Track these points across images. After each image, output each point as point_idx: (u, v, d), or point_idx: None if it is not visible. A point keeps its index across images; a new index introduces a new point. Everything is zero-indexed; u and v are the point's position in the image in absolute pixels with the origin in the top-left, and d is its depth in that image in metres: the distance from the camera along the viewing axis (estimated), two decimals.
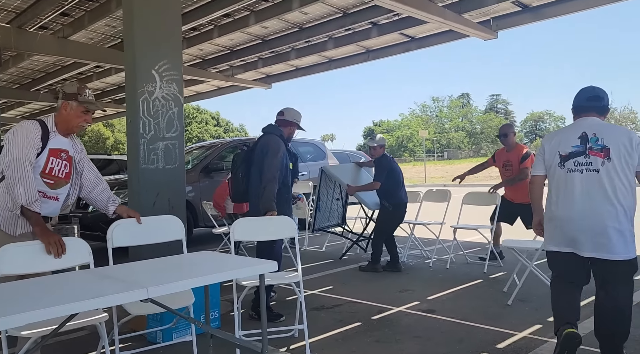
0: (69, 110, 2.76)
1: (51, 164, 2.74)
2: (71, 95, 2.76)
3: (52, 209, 2.82)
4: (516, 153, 5.55)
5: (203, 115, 50.37)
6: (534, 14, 7.16)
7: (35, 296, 1.87)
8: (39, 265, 2.51)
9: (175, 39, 4.27)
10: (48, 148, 2.71)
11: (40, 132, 2.68)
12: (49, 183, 2.75)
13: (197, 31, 7.94)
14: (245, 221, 3.29)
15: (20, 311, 1.62)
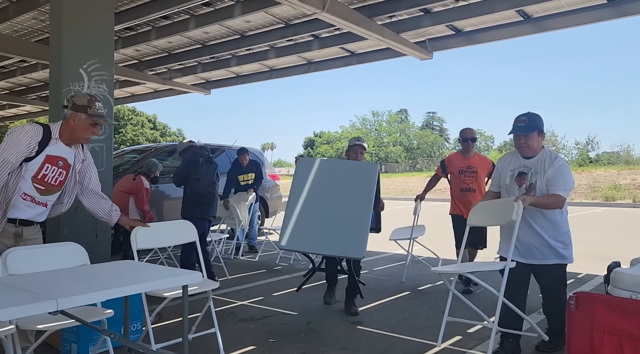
0: (76, 122, 2.77)
1: (45, 170, 2.73)
2: (81, 107, 2.77)
3: (37, 214, 2.81)
4: (481, 161, 5.23)
5: (139, 117, 48.53)
6: (467, 38, 7.56)
7: None
8: None
9: (107, 37, 4.11)
10: (45, 154, 2.71)
11: (40, 137, 2.68)
12: (39, 188, 2.74)
13: (133, 31, 7.68)
14: (144, 228, 3.19)
15: None
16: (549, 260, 3.17)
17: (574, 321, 1.94)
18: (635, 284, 1.99)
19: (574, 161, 45.42)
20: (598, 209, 16.75)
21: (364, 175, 4.05)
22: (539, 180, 3.16)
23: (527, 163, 3.25)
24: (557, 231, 3.19)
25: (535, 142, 3.21)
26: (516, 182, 3.26)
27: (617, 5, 6.08)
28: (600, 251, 7.62)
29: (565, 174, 3.10)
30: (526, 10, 6.48)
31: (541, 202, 3.07)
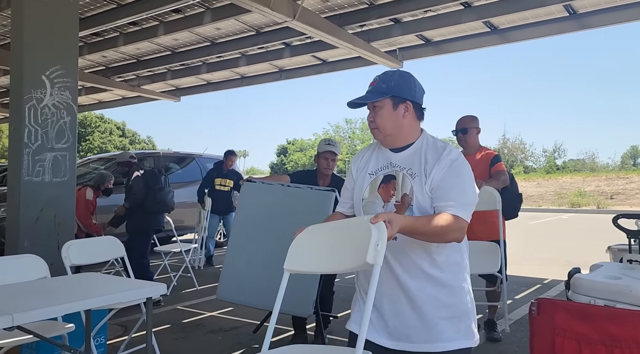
0: None
1: None
2: None
3: None
4: (481, 156, 3.86)
5: (107, 124, 47.52)
6: (436, 48, 7.69)
7: None
8: None
9: (71, 44, 4.02)
10: None
11: None
12: None
13: (100, 37, 7.52)
14: (78, 243, 3.13)
15: None
16: (435, 344, 1.69)
17: (536, 327, 1.97)
18: (593, 289, 2.05)
19: (542, 168, 46.72)
20: (564, 215, 17.23)
21: (316, 207, 3.17)
22: (416, 187, 1.73)
23: (395, 160, 1.82)
24: (451, 290, 1.72)
25: (396, 118, 1.78)
26: (380, 194, 1.81)
27: (578, 18, 6.29)
28: (566, 256, 7.83)
29: (463, 178, 1.71)
30: (492, 21, 6.64)
31: (421, 228, 1.58)
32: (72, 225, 4.00)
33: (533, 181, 26.00)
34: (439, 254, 1.71)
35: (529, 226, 13.46)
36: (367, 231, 1.46)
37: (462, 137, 3.86)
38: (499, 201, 3.29)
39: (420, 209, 1.71)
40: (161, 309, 4.73)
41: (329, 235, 1.73)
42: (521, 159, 53.46)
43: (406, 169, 1.78)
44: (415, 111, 1.82)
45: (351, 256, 1.55)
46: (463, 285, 1.75)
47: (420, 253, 1.71)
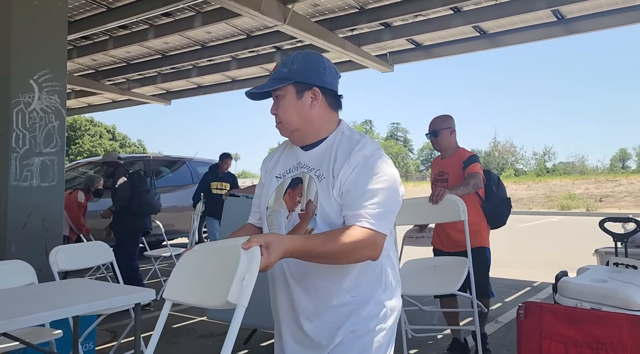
0: None
1: None
2: None
3: None
4: (456, 159, 3.51)
5: (97, 127, 47.21)
6: (426, 52, 7.74)
7: None
8: None
9: (60, 47, 3.99)
10: None
11: None
12: None
13: (89, 40, 7.49)
14: (66, 249, 3.12)
15: None
16: None
17: (523, 330, 1.99)
18: (579, 292, 2.07)
19: (532, 171, 47.12)
20: (554, 218, 17.37)
21: None
22: (322, 192, 1.42)
23: (304, 159, 1.52)
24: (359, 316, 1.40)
25: (302, 109, 1.48)
26: (285, 201, 1.50)
27: (565, 23, 6.37)
28: (556, 259, 7.89)
29: (378, 179, 1.37)
30: (482, 26, 6.70)
31: (317, 250, 1.27)
32: (60, 230, 3.96)
33: (523, 184, 26.19)
34: (347, 274, 1.39)
35: (519, 229, 13.55)
36: (237, 260, 1.16)
37: (434, 140, 3.54)
38: (464, 210, 2.90)
39: (326, 219, 1.38)
40: (151, 314, 4.70)
41: (206, 260, 1.38)
42: (512, 162, 53.88)
43: (314, 170, 1.46)
44: (326, 99, 1.49)
45: (215, 291, 1.23)
46: (379, 306, 1.40)
47: (318, 273, 1.39)
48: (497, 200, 3.48)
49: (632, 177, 25.03)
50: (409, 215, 2.98)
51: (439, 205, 2.92)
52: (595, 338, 1.83)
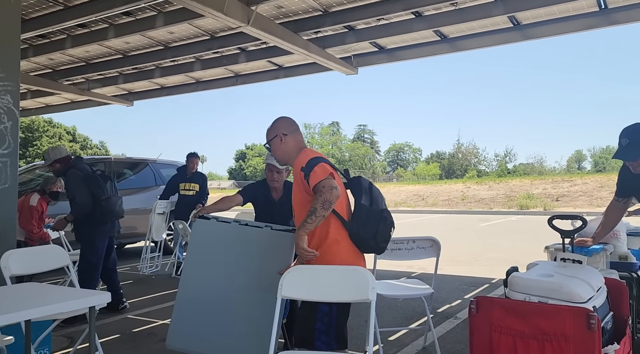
0: None
1: None
2: None
3: None
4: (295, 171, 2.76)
5: (56, 129, 45.67)
6: (389, 55, 7.87)
7: None
8: None
9: (13, 46, 3.87)
10: None
11: None
12: None
13: (46, 39, 7.27)
14: (18, 253, 3.06)
15: None
16: None
17: (475, 324, 2.06)
18: (528, 287, 2.16)
19: (494, 172, 48.45)
20: (514, 217, 17.90)
21: (276, 249, 2.88)
22: None
23: None
24: None
25: None
26: None
27: (521, 29, 6.60)
28: (513, 256, 8.15)
29: None
30: (442, 30, 6.87)
31: None
32: (13, 234, 3.84)
33: (485, 184, 26.90)
34: None
35: (479, 228, 13.92)
36: None
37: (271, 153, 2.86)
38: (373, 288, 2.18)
39: None
40: (110, 319, 4.60)
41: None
42: (475, 163, 55.26)
43: None
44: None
45: None
46: None
47: None
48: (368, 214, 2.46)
49: (587, 177, 26.11)
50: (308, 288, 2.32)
51: (346, 279, 2.27)
52: (541, 330, 1.92)
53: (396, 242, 3.58)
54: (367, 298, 2.27)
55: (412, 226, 14.32)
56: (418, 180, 41.71)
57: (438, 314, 4.64)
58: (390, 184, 35.20)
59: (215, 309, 2.91)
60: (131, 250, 9.54)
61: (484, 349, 2.03)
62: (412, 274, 6.65)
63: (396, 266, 6.75)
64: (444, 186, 28.06)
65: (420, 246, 3.57)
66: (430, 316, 3.53)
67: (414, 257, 3.60)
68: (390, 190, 28.66)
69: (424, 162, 62.41)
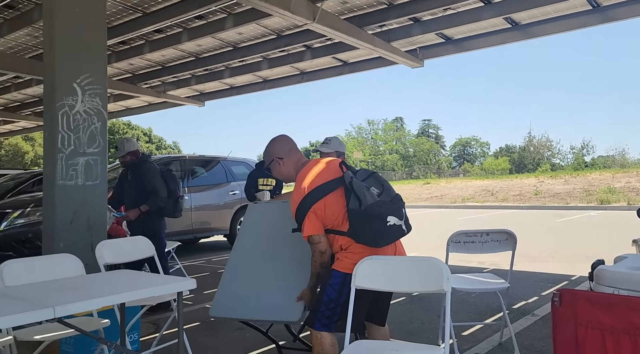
0: None
1: None
2: None
3: None
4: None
5: (134, 131, 48.62)
6: (456, 46, 7.68)
7: None
8: None
9: (100, 52, 4.18)
10: None
11: None
12: None
13: (126, 45, 7.76)
14: (110, 243, 3.29)
15: None
16: None
17: (558, 317, 1.99)
18: (616, 280, 2.05)
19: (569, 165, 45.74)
20: (593, 212, 16.83)
21: None
22: None
23: None
24: None
25: None
26: None
27: (602, 11, 6.20)
28: (594, 252, 7.68)
29: None
30: (513, 17, 6.59)
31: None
32: (104, 227, 4.14)
33: (560, 178, 25.46)
34: None
35: (556, 223, 13.22)
36: None
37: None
38: (448, 278, 2.17)
39: None
40: (190, 307, 4.85)
41: None
42: (548, 157, 52.44)
43: None
44: None
45: None
46: None
47: None
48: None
49: None
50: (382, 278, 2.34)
51: (420, 269, 2.30)
52: (633, 325, 1.82)
53: (469, 235, 3.50)
54: (441, 288, 2.25)
55: (482, 221, 13.87)
56: (486, 175, 40.25)
57: (514, 311, 4.48)
58: (457, 179, 34.21)
59: (256, 281, 3.01)
60: (206, 244, 9.99)
61: (569, 344, 1.95)
62: (484, 270, 6.46)
63: (467, 261, 6.58)
64: (515, 180, 26.85)
65: (495, 240, 3.47)
66: (506, 311, 3.42)
67: (488, 250, 3.50)
68: (457, 185, 27.89)
69: (492, 156, 60.09)
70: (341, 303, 2.42)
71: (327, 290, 2.47)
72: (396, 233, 2.40)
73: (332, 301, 2.45)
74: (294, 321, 2.92)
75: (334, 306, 2.45)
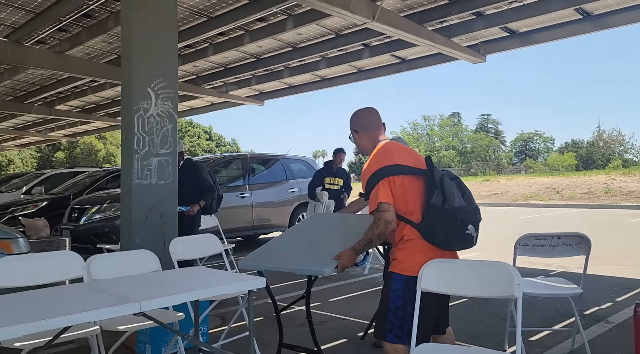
0: None
1: None
2: None
3: None
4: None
5: (195, 129, 50.48)
6: (522, 39, 7.40)
7: (30, 308, 1.92)
8: (33, 278, 2.56)
9: (172, 57, 4.38)
10: None
11: None
12: None
13: (192, 48, 8.08)
14: (182, 240, 3.48)
15: (15, 323, 1.67)
16: None
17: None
18: None
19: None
20: None
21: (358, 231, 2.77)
22: None
23: None
24: None
25: None
26: None
27: None
28: None
29: None
30: (585, 7, 6.27)
31: None
32: (175, 224, 4.35)
33: (634, 175, 23.86)
34: None
35: (630, 224, 12.44)
36: None
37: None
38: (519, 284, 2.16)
39: None
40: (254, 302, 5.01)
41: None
42: (620, 152, 49.30)
43: None
44: None
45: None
46: None
47: None
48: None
49: None
50: (449, 282, 2.32)
51: (489, 274, 2.25)
52: None
53: (538, 238, 3.39)
54: (512, 294, 2.21)
55: (547, 221, 13.29)
56: (551, 172, 38.46)
57: (585, 317, 4.29)
58: (519, 176, 32.88)
59: (295, 243, 3.17)
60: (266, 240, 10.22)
61: None
62: (552, 272, 6.21)
63: (533, 263, 6.35)
64: (583, 177, 25.44)
65: (567, 243, 3.34)
66: (578, 317, 3.29)
67: (559, 254, 3.37)
68: (518, 182, 26.83)
69: (557, 151, 57.27)
70: (409, 311, 2.33)
71: (391, 296, 2.39)
72: (468, 242, 2.35)
73: (399, 308, 2.36)
74: (320, 275, 2.86)
75: (401, 314, 2.36)
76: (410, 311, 2.31)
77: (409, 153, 2.55)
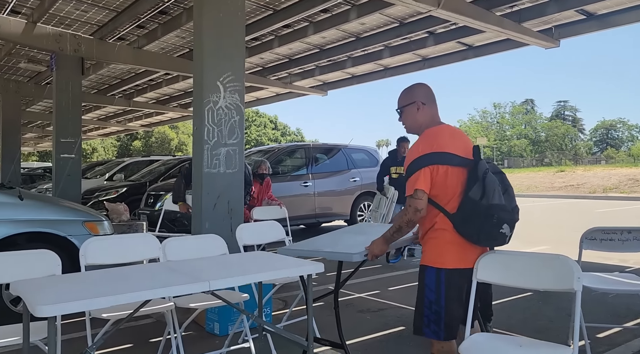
0: None
1: None
2: None
3: None
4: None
5: (262, 118, 51.74)
6: (600, 22, 6.98)
7: (115, 283, 2.16)
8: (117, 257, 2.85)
9: (239, 52, 4.59)
10: None
11: None
12: None
13: (258, 41, 8.33)
14: (248, 226, 3.69)
15: (102, 295, 1.90)
16: None
17: None
18: None
19: None
20: None
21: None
22: None
23: None
24: None
25: None
26: None
27: None
28: None
29: None
30: None
31: None
32: (241, 211, 4.60)
33: None
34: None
35: None
36: None
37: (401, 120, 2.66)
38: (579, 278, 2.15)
39: None
40: (315, 288, 5.18)
41: None
42: None
43: None
44: None
45: None
46: None
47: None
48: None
49: None
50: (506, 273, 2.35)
51: (548, 266, 2.25)
52: None
53: (607, 232, 3.25)
54: (571, 287, 2.18)
55: (626, 215, 12.45)
56: (635, 162, 35.75)
57: None
58: (598, 167, 30.88)
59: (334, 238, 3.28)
60: (327, 228, 10.42)
61: None
62: (627, 269, 5.89)
63: (607, 258, 6.05)
64: None
65: (638, 238, 3.18)
66: None
67: (630, 249, 3.22)
68: (597, 173, 25.22)
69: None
70: (443, 306, 2.29)
71: (426, 291, 2.35)
72: (500, 241, 2.29)
73: (433, 303, 2.33)
74: (348, 260, 2.84)
75: (436, 308, 2.32)
76: (444, 306, 2.30)
77: (460, 139, 2.45)
